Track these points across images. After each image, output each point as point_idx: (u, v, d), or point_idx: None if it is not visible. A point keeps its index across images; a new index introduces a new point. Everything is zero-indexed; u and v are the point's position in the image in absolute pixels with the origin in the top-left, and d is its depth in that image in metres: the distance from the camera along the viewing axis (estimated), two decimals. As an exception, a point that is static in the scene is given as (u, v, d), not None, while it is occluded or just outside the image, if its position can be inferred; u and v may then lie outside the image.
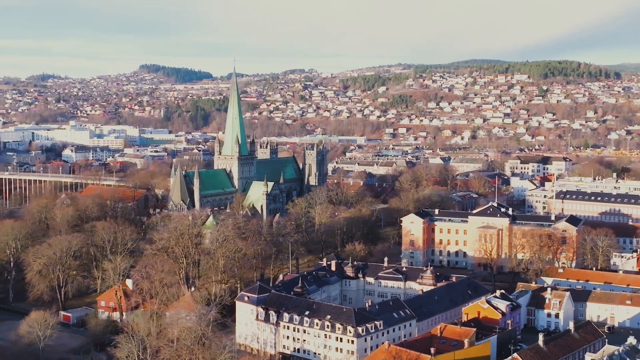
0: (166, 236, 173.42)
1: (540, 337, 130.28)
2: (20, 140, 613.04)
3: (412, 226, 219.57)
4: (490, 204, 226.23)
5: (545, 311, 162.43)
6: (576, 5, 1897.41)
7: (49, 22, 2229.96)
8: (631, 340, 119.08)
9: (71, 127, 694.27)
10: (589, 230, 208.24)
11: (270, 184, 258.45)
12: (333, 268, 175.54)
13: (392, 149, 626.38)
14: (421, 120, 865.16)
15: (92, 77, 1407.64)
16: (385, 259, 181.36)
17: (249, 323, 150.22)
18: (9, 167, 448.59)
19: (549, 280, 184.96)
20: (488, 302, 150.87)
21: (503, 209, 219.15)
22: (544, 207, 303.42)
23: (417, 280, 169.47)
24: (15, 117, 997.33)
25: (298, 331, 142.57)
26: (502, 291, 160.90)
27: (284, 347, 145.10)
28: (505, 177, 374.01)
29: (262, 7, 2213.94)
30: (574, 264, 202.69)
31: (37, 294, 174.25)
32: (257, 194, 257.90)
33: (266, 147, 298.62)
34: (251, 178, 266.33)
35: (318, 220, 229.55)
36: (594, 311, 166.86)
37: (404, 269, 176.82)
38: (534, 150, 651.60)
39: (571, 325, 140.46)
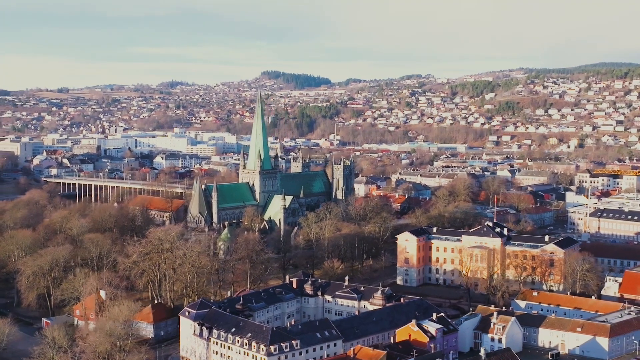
0: (138, 250, 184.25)
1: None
2: (121, 147, 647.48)
3: (407, 244, 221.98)
4: (485, 223, 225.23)
5: (490, 335, 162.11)
6: None
7: (187, 30, 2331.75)
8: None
9: (173, 135, 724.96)
10: (572, 253, 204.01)
11: (289, 198, 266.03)
12: (294, 285, 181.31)
13: (479, 158, 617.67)
14: (527, 128, 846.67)
15: (216, 83, 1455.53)
16: (347, 277, 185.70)
17: (189, 337, 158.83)
18: (100, 174, 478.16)
19: (522, 304, 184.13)
20: (418, 324, 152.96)
21: (498, 229, 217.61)
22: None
23: (369, 300, 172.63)
24: (135, 123, 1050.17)
25: (224, 347, 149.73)
26: (442, 314, 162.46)
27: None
28: (562, 192, 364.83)
29: (389, 11, 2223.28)
30: (561, 287, 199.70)
31: (28, 301, 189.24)
32: (277, 207, 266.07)
33: (298, 161, 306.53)
34: (274, 192, 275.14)
35: (327, 235, 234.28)
36: (546, 337, 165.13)
37: (362, 288, 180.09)
38: (635, 160, 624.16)
39: (482, 352, 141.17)
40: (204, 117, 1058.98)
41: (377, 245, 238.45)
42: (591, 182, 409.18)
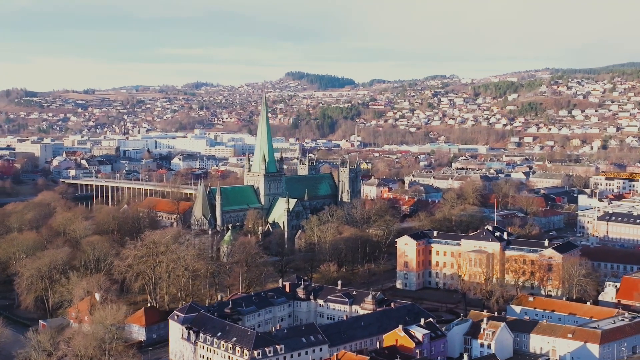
0: (133, 253, 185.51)
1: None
2: (141, 148, 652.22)
3: (407, 248, 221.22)
4: (485, 227, 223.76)
5: (479, 341, 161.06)
6: None
7: (213, 31, 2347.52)
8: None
9: (192, 136, 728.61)
10: (570, 258, 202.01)
11: (293, 200, 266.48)
12: (287, 289, 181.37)
13: (497, 160, 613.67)
14: (549, 129, 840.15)
15: (241, 84, 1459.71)
16: (339, 282, 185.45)
17: (177, 341, 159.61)
18: (117, 175, 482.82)
19: (517, 309, 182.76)
20: (405, 330, 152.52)
21: (498, 233, 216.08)
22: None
23: (361, 305, 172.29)
24: (159, 124, 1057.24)
25: (210, 351, 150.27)
26: (430, 320, 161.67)
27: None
28: (575, 195, 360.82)
29: (415, 12, 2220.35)
30: (560, 292, 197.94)
31: (27, 303, 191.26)
32: (281, 210, 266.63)
33: (304, 164, 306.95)
34: (278, 194, 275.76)
35: (328, 239, 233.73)
36: (537, 343, 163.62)
37: (354, 292, 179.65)
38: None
39: (465, 358, 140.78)
40: (226, 118, 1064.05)
41: (380, 248, 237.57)
42: (606, 184, 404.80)
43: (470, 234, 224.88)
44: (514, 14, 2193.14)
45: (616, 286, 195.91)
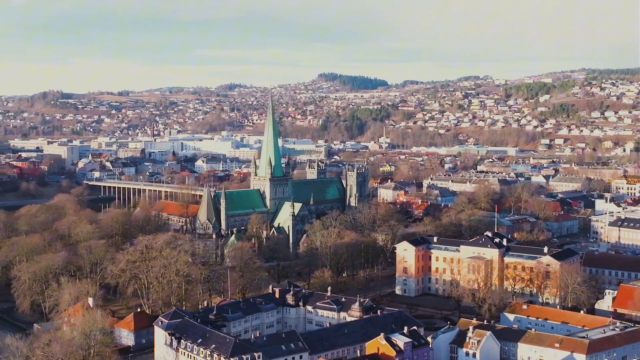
0: (125, 258, 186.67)
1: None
2: (166, 150, 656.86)
3: (406, 254, 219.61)
4: (485, 234, 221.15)
5: (464, 350, 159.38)
6: None
7: (250, 33, 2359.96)
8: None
9: (218, 138, 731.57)
10: (569, 265, 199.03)
11: (298, 205, 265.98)
12: (277, 295, 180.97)
13: (523, 162, 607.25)
14: (581, 131, 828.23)
15: (274, 85, 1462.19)
16: (329, 288, 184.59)
17: (161, 347, 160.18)
18: (141, 177, 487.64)
19: (511, 317, 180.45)
20: (387, 338, 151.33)
21: (497, 239, 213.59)
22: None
23: (348, 312, 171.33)
24: (190, 126, 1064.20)
25: (190, 358, 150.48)
26: (414, 328, 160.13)
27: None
28: (593, 199, 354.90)
29: (451, 11, 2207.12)
30: (557, 300, 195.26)
31: (23, 307, 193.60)
32: (286, 214, 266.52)
33: (313, 168, 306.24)
34: (284, 198, 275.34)
35: (329, 244, 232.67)
36: (525, 352, 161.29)
37: (343, 299, 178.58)
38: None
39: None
40: (257, 120, 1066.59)
41: (385, 253, 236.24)
42: (628, 189, 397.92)
43: (470, 240, 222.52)
44: (551, 13, 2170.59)
45: (614, 294, 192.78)
